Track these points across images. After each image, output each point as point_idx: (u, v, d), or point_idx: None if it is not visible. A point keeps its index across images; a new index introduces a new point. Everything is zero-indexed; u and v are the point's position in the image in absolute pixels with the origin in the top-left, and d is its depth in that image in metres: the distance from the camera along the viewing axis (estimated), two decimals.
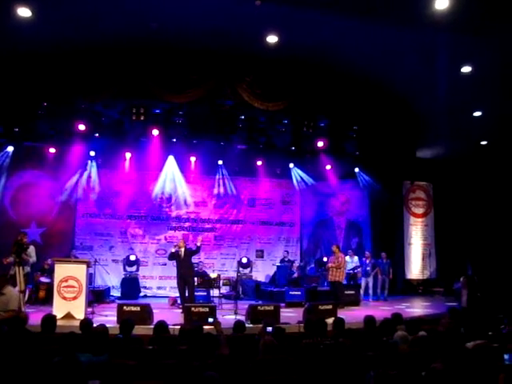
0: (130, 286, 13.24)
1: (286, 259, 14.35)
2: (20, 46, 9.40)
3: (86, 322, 5.99)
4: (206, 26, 8.94)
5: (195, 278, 11.50)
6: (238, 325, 6.46)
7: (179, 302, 11.51)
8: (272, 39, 9.28)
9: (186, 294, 10.69)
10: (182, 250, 10.87)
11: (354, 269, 13.41)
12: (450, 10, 7.85)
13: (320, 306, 9.34)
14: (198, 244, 11.07)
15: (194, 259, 11.75)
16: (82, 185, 13.87)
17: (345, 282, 12.57)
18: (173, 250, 10.99)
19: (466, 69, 10.13)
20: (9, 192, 13.22)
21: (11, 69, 9.98)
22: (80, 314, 8.72)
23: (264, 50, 9.66)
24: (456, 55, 9.67)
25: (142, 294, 13.63)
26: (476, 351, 4.50)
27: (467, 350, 4.64)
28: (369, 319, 6.54)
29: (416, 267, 16.36)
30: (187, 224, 14.95)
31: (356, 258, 13.69)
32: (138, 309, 8.53)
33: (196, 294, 11.15)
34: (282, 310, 9.22)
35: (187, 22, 8.82)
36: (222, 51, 10.06)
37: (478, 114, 12.47)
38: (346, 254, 13.29)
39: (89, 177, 13.92)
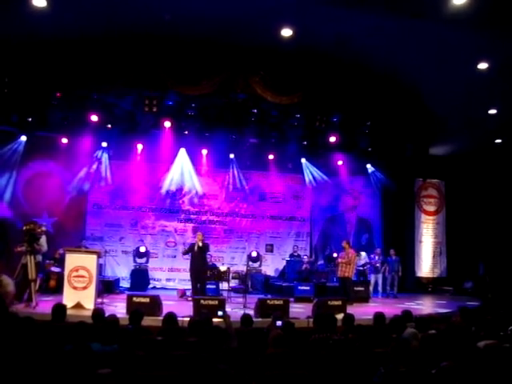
0: (140, 277, 13.28)
1: (296, 254, 14.34)
2: (34, 35, 9.42)
3: (98, 312, 6.04)
4: (220, 18, 8.89)
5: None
6: (245, 318, 6.48)
7: (188, 294, 11.55)
8: (286, 32, 9.21)
9: (198, 287, 10.76)
10: (200, 243, 10.91)
11: (363, 265, 13.34)
12: (467, 6, 7.73)
13: (329, 302, 9.32)
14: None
15: None
16: (94, 175, 13.95)
17: (354, 279, 12.52)
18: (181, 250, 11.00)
19: (483, 65, 10.00)
20: (21, 182, 13.29)
21: (25, 59, 10.01)
22: (90, 304, 8.78)
23: (278, 42, 9.60)
24: (472, 51, 9.53)
25: (151, 286, 13.69)
26: (487, 351, 4.47)
27: (478, 349, 4.61)
28: (378, 316, 6.52)
29: (426, 265, 16.26)
30: (197, 217, 14.97)
31: (363, 253, 13.58)
32: (148, 300, 8.57)
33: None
34: (290, 304, 9.19)
35: (201, 13, 8.77)
36: (235, 43, 10.01)
37: (493, 111, 12.32)
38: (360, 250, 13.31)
39: (100, 168, 13.99)
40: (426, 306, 12.30)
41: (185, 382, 3.79)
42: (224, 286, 11.99)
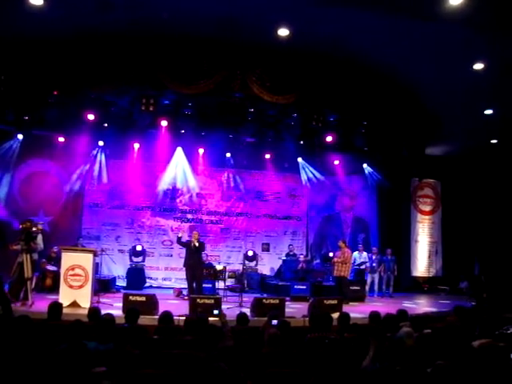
0: (136, 276, 13.27)
1: (292, 253, 14.35)
2: (31, 34, 9.38)
3: (94, 311, 6.05)
4: (217, 17, 8.87)
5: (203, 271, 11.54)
6: (241, 317, 6.49)
7: (184, 293, 11.55)
8: (283, 32, 9.22)
9: (194, 285, 10.77)
10: (196, 243, 10.93)
11: (360, 264, 13.36)
12: (463, 6, 7.74)
13: (325, 301, 9.32)
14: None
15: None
16: (90, 174, 13.93)
17: (352, 278, 12.54)
18: (180, 235, 11.31)
19: (479, 65, 10.02)
20: (17, 180, 13.28)
21: (22, 57, 9.98)
22: (86, 303, 8.77)
23: (274, 42, 9.60)
24: (469, 51, 9.54)
25: (147, 285, 13.69)
26: (482, 350, 4.48)
27: (473, 348, 4.62)
28: (374, 315, 6.54)
29: (422, 265, 16.31)
30: (194, 216, 14.97)
31: (365, 253, 13.60)
32: (144, 299, 8.58)
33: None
34: (286, 303, 9.20)
35: (199, 12, 8.76)
36: (233, 43, 10.01)
37: (489, 112, 12.35)
38: (355, 250, 13.30)
39: (97, 166, 13.97)
40: (421, 305, 12.33)
41: (181, 380, 3.80)
42: (220, 284, 11.99)
